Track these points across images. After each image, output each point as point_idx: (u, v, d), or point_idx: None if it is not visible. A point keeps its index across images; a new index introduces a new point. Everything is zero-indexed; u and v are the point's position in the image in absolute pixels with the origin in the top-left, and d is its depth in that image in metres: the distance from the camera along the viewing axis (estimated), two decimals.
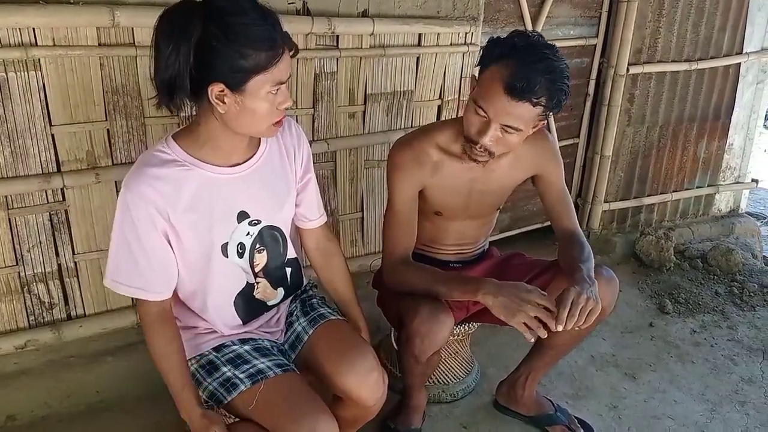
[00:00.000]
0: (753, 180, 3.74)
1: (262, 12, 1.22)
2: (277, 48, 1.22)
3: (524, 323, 1.52)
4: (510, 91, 1.49)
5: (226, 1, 1.20)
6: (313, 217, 1.60)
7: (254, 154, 1.42)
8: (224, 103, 1.24)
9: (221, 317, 1.48)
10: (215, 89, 1.22)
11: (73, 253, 1.93)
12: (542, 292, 1.56)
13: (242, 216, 1.41)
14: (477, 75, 1.63)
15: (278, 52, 1.22)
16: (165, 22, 1.20)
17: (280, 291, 1.57)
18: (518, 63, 1.49)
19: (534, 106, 1.51)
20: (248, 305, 1.51)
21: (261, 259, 1.49)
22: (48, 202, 1.85)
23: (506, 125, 1.55)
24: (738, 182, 3.70)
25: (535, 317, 1.51)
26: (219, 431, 1.31)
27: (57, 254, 1.91)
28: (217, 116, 1.28)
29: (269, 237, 1.48)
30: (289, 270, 1.57)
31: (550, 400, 2.08)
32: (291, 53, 1.27)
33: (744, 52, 3.32)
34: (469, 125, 1.62)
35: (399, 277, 1.76)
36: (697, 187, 3.56)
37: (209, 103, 1.24)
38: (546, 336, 1.51)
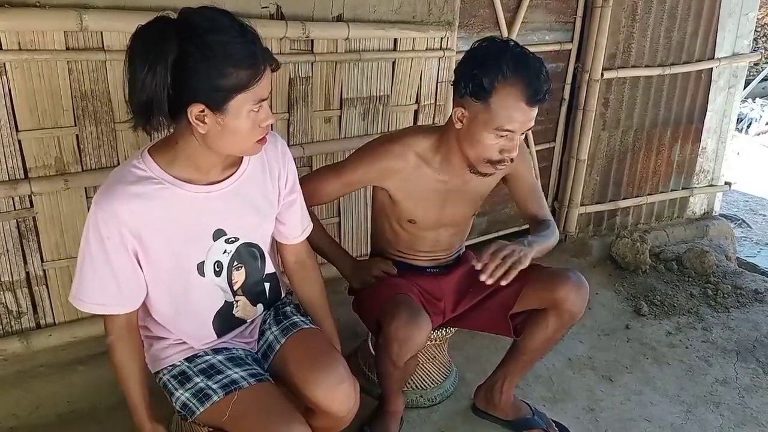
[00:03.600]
0: (726, 183, 3.80)
1: (240, 28, 1.18)
2: (258, 65, 1.19)
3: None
4: (533, 102, 1.58)
5: (203, 17, 1.16)
6: (296, 234, 1.57)
7: (234, 173, 1.38)
8: (205, 123, 1.20)
9: (197, 335, 1.46)
10: (195, 110, 1.18)
11: (42, 261, 1.89)
12: (387, 267, 1.89)
13: (218, 234, 1.38)
14: (466, 107, 1.62)
15: (259, 69, 1.19)
16: (139, 42, 1.15)
17: (259, 307, 1.55)
18: (529, 75, 1.56)
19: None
20: (226, 323, 1.49)
21: (239, 277, 1.46)
22: (15, 209, 1.80)
23: (527, 130, 1.64)
24: (712, 185, 3.76)
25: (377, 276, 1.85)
26: None
27: (25, 262, 1.87)
28: (198, 137, 1.24)
29: (247, 254, 1.45)
30: (267, 285, 1.55)
31: (527, 404, 2.08)
32: (272, 69, 1.24)
33: (716, 57, 3.38)
34: (490, 151, 1.64)
35: None
36: (671, 190, 3.61)
37: (189, 123, 1.21)
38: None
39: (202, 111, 1.19)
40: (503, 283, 1.60)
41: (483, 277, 1.58)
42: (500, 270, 1.59)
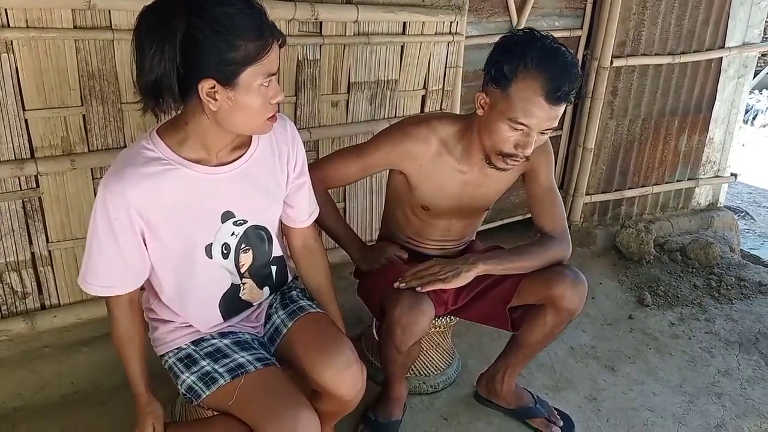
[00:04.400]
0: (732, 174, 3.78)
1: (246, 1, 1.17)
2: (266, 37, 1.18)
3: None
4: (553, 99, 1.51)
5: None
6: (303, 218, 1.56)
7: (243, 154, 1.37)
8: (216, 100, 1.19)
9: (203, 318, 1.45)
10: (205, 86, 1.17)
11: (47, 242, 1.89)
12: (398, 251, 1.90)
13: (227, 216, 1.37)
14: (487, 92, 1.60)
15: (268, 42, 1.18)
16: (145, 22, 1.14)
17: (266, 290, 1.55)
18: (551, 70, 1.50)
19: (570, 103, 1.56)
20: (233, 305, 1.49)
21: (246, 259, 1.46)
22: (21, 189, 1.80)
23: (546, 129, 1.58)
24: (717, 176, 3.75)
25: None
26: (155, 421, 1.41)
27: (30, 242, 1.86)
28: (209, 114, 1.23)
29: (255, 236, 1.45)
30: (274, 268, 1.54)
31: (529, 392, 2.09)
32: (279, 43, 1.23)
33: (726, 46, 3.35)
34: (504, 143, 1.60)
35: (318, 197, 1.68)
36: (677, 181, 3.60)
37: (199, 101, 1.20)
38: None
39: (213, 87, 1.18)
40: (418, 289, 1.67)
41: (396, 284, 1.69)
42: (414, 281, 1.69)
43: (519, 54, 1.53)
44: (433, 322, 1.95)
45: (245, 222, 1.41)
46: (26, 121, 1.75)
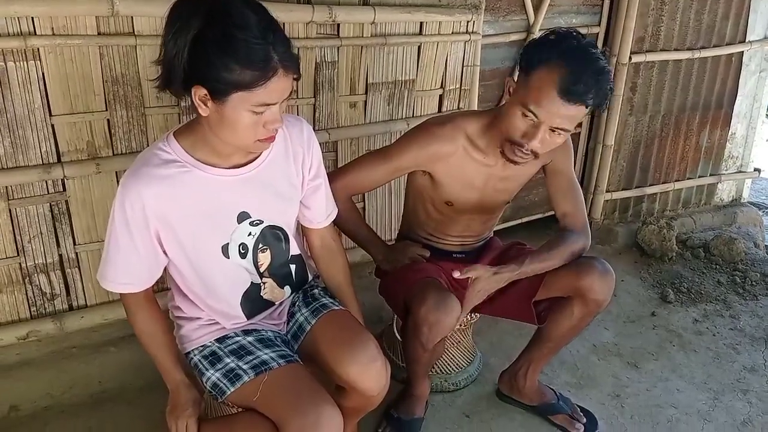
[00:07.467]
0: (755, 169, 3.73)
1: (265, 29, 1.16)
2: (267, 70, 1.16)
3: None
4: (565, 94, 1.50)
5: (235, 7, 1.16)
6: (321, 219, 1.58)
7: (257, 157, 1.39)
8: (207, 107, 1.21)
9: (225, 315, 1.48)
10: (198, 92, 1.19)
11: (74, 244, 1.93)
12: (421, 251, 1.92)
13: (243, 216, 1.39)
14: (516, 77, 1.62)
15: (267, 75, 1.16)
16: (175, 8, 1.18)
17: (287, 289, 1.56)
18: (573, 65, 1.50)
19: (585, 107, 1.54)
20: (255, 304, 1.51)
21: (264, 259, 1.48)
22: (48, 193, 1.84)
23: (556, 127, 1.56)
24: (740, 171, 3.70)
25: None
26: (191, 411, 1.39)
27: (58, 245, 1.91)
28: (202, 119, 1.25)
29: (272, 236, 1.47)
30: (293, 267, 1.56)
31: (552, 389, 2.08)
32: (295, 77, 1.22)
33: (747, 40, 3.31)
34: (514, 129, 1.60)
35: (339, 205, 1.68)
36: (699, 177, 3.56)
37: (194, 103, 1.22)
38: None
39: (205, 95, 1.19)
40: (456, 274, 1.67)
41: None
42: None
43: (549, 45, 1.55)
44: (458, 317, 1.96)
45: (261, 222, 1.43)
46: (53, 126, 1.79)
